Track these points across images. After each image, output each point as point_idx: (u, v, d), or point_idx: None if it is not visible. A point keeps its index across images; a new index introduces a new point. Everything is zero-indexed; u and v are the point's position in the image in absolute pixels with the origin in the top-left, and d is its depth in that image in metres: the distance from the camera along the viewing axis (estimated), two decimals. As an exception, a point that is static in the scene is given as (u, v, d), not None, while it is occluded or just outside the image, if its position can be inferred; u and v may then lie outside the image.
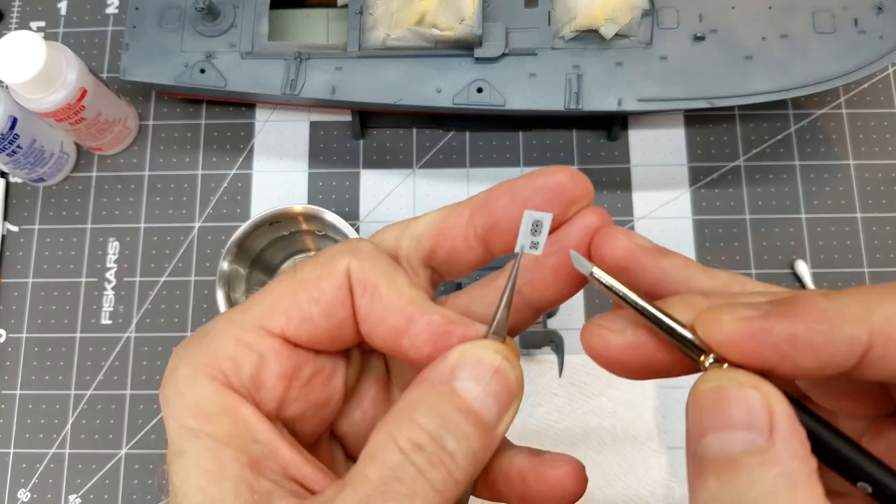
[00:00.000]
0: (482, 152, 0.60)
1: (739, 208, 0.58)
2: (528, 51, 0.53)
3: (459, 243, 0.22)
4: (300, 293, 0.21)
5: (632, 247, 0.21)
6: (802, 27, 0.52)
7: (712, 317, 0.18)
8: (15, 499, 0.54)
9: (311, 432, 0.23)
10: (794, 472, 0.16)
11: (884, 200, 0.58)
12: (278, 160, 0.60)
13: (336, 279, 0.21)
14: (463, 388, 0.19)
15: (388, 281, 0.21)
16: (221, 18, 0.55)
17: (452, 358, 0.20)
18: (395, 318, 0.21)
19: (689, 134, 0.60)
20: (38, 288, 0.58)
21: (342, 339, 0.22)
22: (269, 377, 0.21)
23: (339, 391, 0.23)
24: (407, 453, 0.18)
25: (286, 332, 0.21)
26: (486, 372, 0.19)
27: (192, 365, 0.21)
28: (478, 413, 0.19)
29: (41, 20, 0.64)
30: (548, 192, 0.21)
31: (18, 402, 0.56)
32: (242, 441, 0.20)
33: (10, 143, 0.53)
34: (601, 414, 0.53)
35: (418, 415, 0.19)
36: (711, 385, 0.18)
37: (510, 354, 0.20)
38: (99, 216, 0.59)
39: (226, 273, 0.52)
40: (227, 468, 0.20)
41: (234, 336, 0.21)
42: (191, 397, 0.21)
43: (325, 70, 0.54)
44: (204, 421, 0.20)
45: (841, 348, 0.17)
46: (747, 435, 0.17)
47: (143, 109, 0.62)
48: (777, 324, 0.17)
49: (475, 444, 0.19)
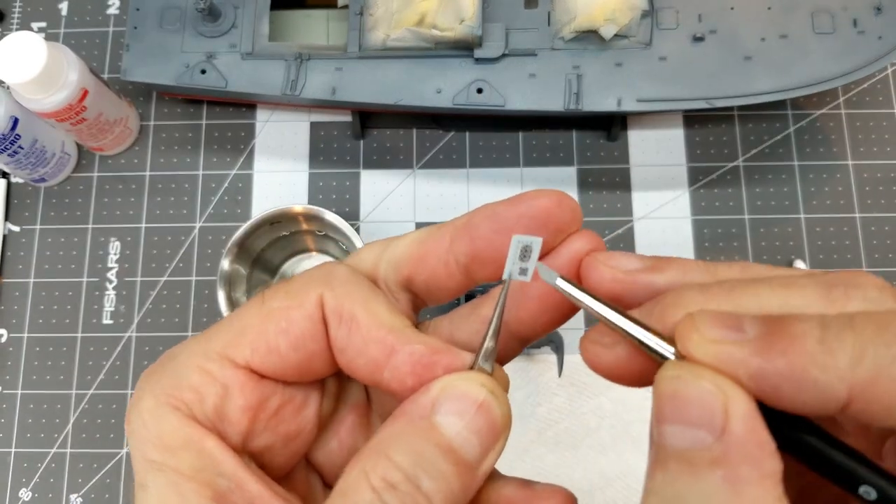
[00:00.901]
0: (482, 152, 0.60)
1: (738, 208, 0.58)
2: (528, 51, 0.53)
3: (440, 271, 0.21)
4: (268, 323, 0.20)
5: (617, 274, 0.20)
6: (802, 28, 0.52)
7: (686, 332, 0.17)
8: (16, 498, 0.54)
9: (283, 464, 0.22)
10: (742, 476, 0.16)
11: (882, 200, 0.58)
12: (279, 160, 0.60)
13: (307, 310, 0.20)
14: (443, 423, 0.18)
15: (366, 309, 0.20)
16: (222, 19, 0.55)
17: (434, 390, 0.19)
18: (374, 350, 0.20)
19: (688, 134, 0.60)
20: (40, 288, 0.58)
21: (313, 371, 0.21)
22: (233, 410, 0.20)
23: (311, 422, 0.22)
24: (379, 492, 0.17)
25: (251, 363, 0.20)
26: (469, 406, 0.18)
27: (155, 395, 0.20)
28: (458, 451, 0.18)
29: (42, 21, 0.64)
30: (531, 220, 0.20)
31: (20, 402, 0.56)
32: (207, 475, 0.19)
33: (11, 144, 0.53)
34: (601, 414, 0.53)
35: (393, 451, 0.18)
36: (672, 374, 0.17)
37: (496, 388, 0.19)
38: (100, 216, 0.60)
39: (226, 273, 0.52)
40: (190, 502, 0.19)
41: (197, 365, 0.20)
42: (154, 429, 0.20)
43: (325, 70, 0.54)
44: (167, 454, 0.19)
45: (814, 401, 0.16)
46: (698, 433, 0.16)
47: (143, 110, 0.62)
48: (753, 356, 0.16)
49: (454, 485, 0.18)
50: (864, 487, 0.16)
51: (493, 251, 0.20)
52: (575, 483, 0.51)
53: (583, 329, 0.56)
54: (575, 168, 0.59)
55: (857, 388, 0.16)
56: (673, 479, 0.16)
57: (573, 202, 0.21)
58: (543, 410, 0.53)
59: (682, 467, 0.16)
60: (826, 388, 0.16)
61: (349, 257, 0.23)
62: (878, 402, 0.16)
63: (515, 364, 0.54)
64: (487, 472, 0.19)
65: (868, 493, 0.16)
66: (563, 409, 0.53)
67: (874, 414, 0.16)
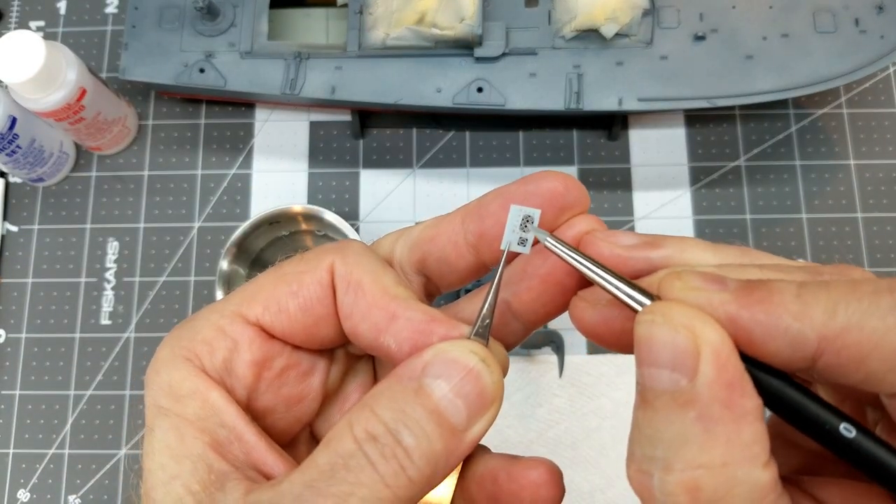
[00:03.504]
0: (482, 152, 0.60)
1: (740, 208, 0.58)
2: (529, 50, 0.53)
3: (450, 250, 0.22)
4: (280, 285, 0.21)
5: (615, 249, 0.20)
6: (803, 27, 0.52)
7: (669, 280, 0.18)
8: (14, 499, 0.54)
9: (285, 429, 0.23)
10: (714, 416, 0.16)
11: (885, 200, 0.57)
12: (278, 160, 0.60)
13: (317, 275, 0.21)
14: (430, 385, 0.19)
15: (373, 278, 0.21)
16: (221, 18, 0.55)
17: (427, 355, 0.19)
18: (377, 315, 0.20)
19: (689, 134, 0.59)
20: (38, 288, 0.58)
21: (319, 337, 0.22)
22: (240, 364, 0.21)
23: (315, 390, 0.23)
24: (360, 443, 0.18)
25: (261, 321, 0.21)
26: (457, 371, 0.19)
27: (171, 347, 0.21)
28: (443, 413, 0.19)
29: (40, 20, 0.64)
30: (538, 198, 0.21)
31: (18, 403, 0.56)
32: (209, 423, 0.20)
33: (9, 143, 0.53)
34: (602, 415, 0.53)
35: (379, 407, 0.19)
36: (647, 318, 0.17)
37: (489, 357, 0.19)
38: (98, 216, 0.59)
39: (225, 273, 0.52)
40: (189, 446, 0.20)
41: (213, 322, 0.21)
42: (165, 378, 0.21)
43: (324, 70, 0.54)
44: (174, 401, 0.20)
45: (786, 350, 0.17)
46: (671, 374, 0.17)
47: (142, 109, 0.62)
48: (730, 303, 0.17)
49: (436, 445, 0.18)
50: (844, 425, 0.17)
51: (500, 228, 0.21)
52: (575, 484, 0.51)
53: (583, 329, 0.55)
54: (576, 167, 0.59)
55: (828, 339, 0.16)
56: (651, 419, 0.17)
57: (580, 186, 0.21)
58: (544, 411, 0.53)
59: (657, 408, 0.17)
60: (798, 337, 0.16)
61: (372, 243, 0.24)
62: (847, 353, 0.16)
63: (516, 365, 0.53)
64: (475, 441, 0.19)
65: (849, 429, 0.17)
66: (563, 409, 0.53)
67: (843, 368, 0.16)
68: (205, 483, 0.19)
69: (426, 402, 0.19)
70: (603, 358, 0.53)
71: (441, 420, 0.19)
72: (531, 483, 0.20)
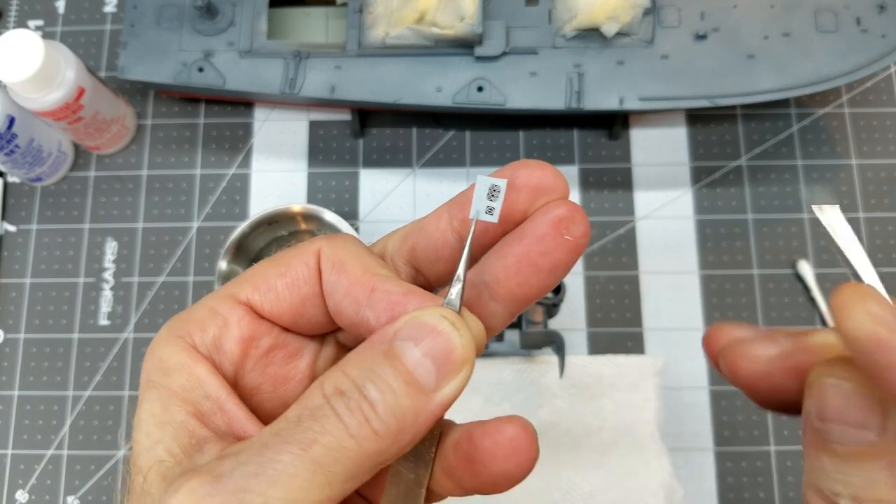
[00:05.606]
0: (482, 151, 0.59)
1: (742, 208, 0.57)
2: (529, 49, 0.53)
3: (437, 237, 0.23)
4: (271, 268, 0.23)
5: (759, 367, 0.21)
6: (805, 26, 0.52)
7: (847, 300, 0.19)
8: (13, 500, 0.54)
9: (272, 410, 0.23)
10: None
11: (886, 200, 0.57)
12: (277, 159, 0.60)
13: (305, 258, 0.22)
14: (400, 346, 0.19)
15: (356, 259, 0.22)
16: (220, 17, 0.55)
17: (399, 322, 0.20)
18: (358, 290, 0.21)
19: (690, 133, 0.59)
20: (36, 288, 0.58)
21: (307, 317, 0.23)
22: (228, 340, 0.22)
23: (302, 372, 0.24)
24: (328, 398, 0.19)
25: (251, 300, 0.23)
26: (426, 333, 0.19)
27: (169, 328, 0.23)
28: (410, 371, 0.19)
29: (39, 19, 0.63)
30: (515, 183, 0.22)
31: (16, 403, 0.56)
32: (193, 394, 0.21)
33: (7, 143, 0.53)
34: (603, 416, 0.52)
35: (348, 367, 0.20)
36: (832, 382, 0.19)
37: (459, 322, 0.20)
38: (97, 216, 0.59)
39: (224, 273, 0.52)
40: (172, 414, 0.21)
41: (207, 304, 0.23)
42: (157, 354, 0.22)
43: (324, 69, 0.54)
44: (162, 374, 0.22)
45: None
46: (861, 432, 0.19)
47: (141, 108, 0.61)
48: None
49: (403, 401, 0.19)
50: None
51: None
52: (576, 485, 0.51)
53: (584, 329, 0.55)
54: (576, 167, 0.59)
55: None
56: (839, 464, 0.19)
57: (557, 172, 0.22)
58: (544, 412, 0.53)
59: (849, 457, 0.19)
60: None
61: None
62: None
63: (516, 365, 0.53)
64: (445, 403, 0.20)
65: None
66: (564, 410, 0.53)
67: None
68: (185, 447, 0.20)
69: (394, 362, 0.19)
70: (604, 359, 0.53)
71: (409, 378, 0.19)
72: (506, 438, 0.21)
